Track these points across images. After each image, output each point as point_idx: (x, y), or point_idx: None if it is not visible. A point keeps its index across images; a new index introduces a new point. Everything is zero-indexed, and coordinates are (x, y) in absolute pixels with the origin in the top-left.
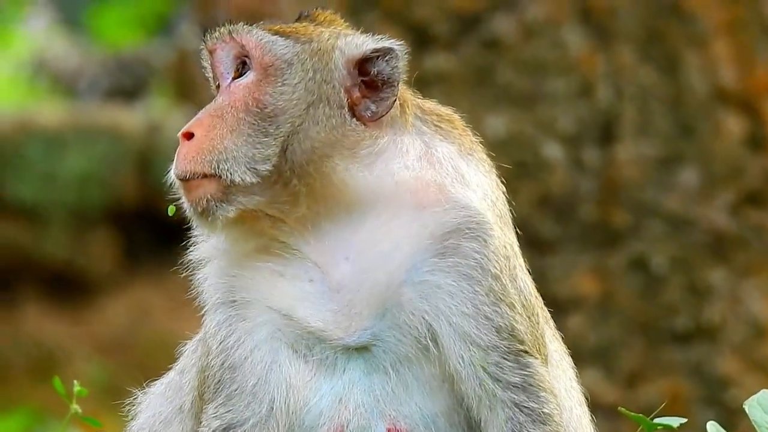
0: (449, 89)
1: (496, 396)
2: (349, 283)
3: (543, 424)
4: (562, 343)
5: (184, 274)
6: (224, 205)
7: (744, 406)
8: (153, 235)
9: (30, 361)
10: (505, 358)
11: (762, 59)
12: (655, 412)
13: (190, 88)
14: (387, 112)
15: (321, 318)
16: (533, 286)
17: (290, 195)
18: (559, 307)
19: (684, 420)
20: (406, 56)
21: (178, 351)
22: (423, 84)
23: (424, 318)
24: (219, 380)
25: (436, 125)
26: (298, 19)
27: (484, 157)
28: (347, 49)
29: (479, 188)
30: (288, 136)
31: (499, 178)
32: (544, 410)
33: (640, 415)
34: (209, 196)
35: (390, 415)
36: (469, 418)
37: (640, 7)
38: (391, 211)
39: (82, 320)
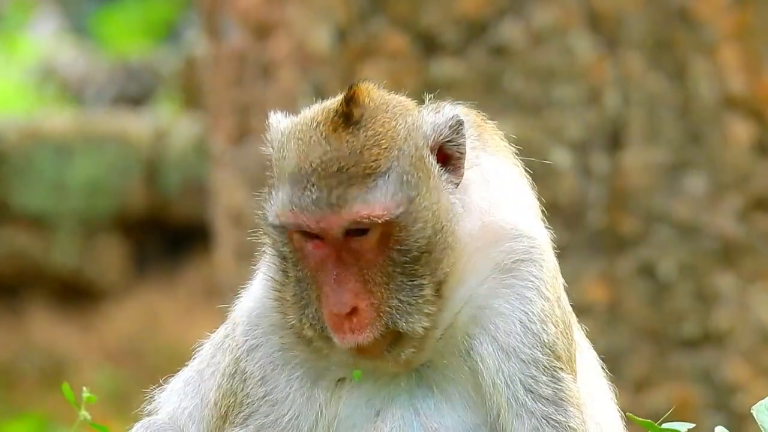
0: (457, 96)
1: (526, 406)
2: None
3: None
4: (583, 336)
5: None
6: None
7: (752, 411)
8: (161, 242)
9: (38, 368)
10: (542, 373)
11: None
12: (663, 418)
13: (197, 95)
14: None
15: None
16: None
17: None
18: None
19: (692, 425)
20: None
21: (188, 357)
22: (431, 91)
23: (468, 335)
24: (255, 411)
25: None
26: (348, 105)
27: (507, 148)
28: (428, 139)
29: (527, 201)
30: (439, 255)
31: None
32: (570, 424)
33: (649, 420)
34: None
35: (432, 428)
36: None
37: (648, 14)
38: (473, 258)
39: (91, 328)
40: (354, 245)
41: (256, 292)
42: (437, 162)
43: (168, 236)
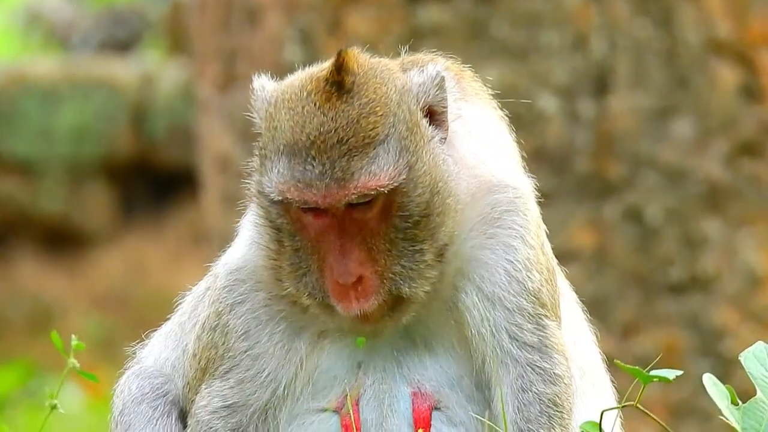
0: (443, 42)
1: (511, 354)
2: None
3: (552, 384)
4: (565, 279)
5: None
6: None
7: (739, 358)
8: (148, 187)
9: (26, 315)
10: (527, 320)
11: (756, 11)
12: (651, 365)
13: (183, 40)
14: (448, 131)
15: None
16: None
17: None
18: None
19: (679, 372)
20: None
21: (175, 304)
22: (417, 37)
23: (455, 287)
24: (237, 364)
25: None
26: (339, 73)
27: (486, 95)
28: (419, 101)
29: (508, 150)
30: (438, 218)
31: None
32: (556, 371)
33: (636, 367)
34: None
35: (415, 380)
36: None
37: None
38: (463, 214)
39: (78, 274)
40: (356, 215)
41: (242, 248)
42: (426, 119)
43: (155, 182)
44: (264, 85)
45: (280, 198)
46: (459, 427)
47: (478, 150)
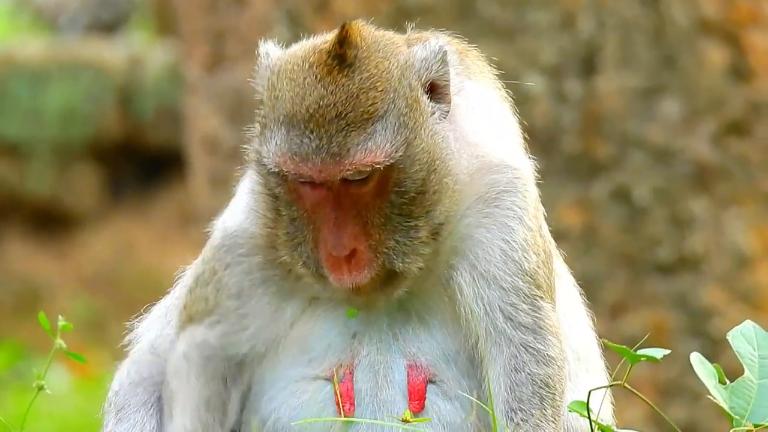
0: (431, 22)
1: (505, 334)
2: None
3: (545, 365)
4: (563, 262)
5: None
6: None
7: (727, 338)
8: (136, 169)
9: (14, 296)
10: (522, 300)
11: None
12: (639, 344)
13: (171, 22)
14: (450, 104)
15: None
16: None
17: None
18: None
19: (667, 351)
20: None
21: (163, 285)
22: (405, 16)
23: (449, 265)
24: (224, 320)
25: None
26: (341, 46)
27: (490, 73)
28: (420, 77)
29: (511, 130)
30: (435, 195)
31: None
32: (549, 353)
33: (624, 347)
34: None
35: (410, 352)
36: None
37: None
38: (461, 192)
39: (66, 255)
40: (352, 189)
41: (240, 214)
42: (427, 95)
43: (143, 163)
44: (269, 52)
45: (276, 170)
46: (454, 401)
47: (479, 128)
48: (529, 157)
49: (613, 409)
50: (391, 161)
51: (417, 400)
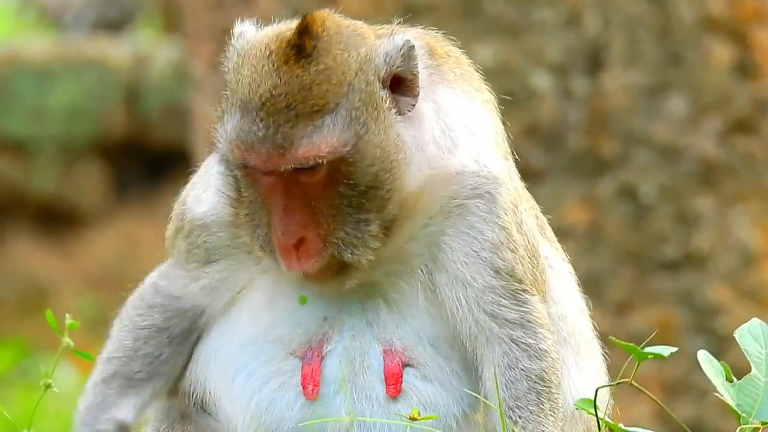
0: (437, 19)
1: (493, 332)
2: None
3: (539, 359)
4: (561, 252)
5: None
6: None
7: (734, 335)
8: (141, 167)
9: (19, 294)
10: (502, 297)
11: None
12: (645, 342)
13: (176, 19)
14: (417, 98)
15: None
16: (536, 218)
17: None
18: None
19: (674, 349)
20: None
21: None
22: (410, 14)
23: (425, 265)
24: (193, 271)
25: (424, 62)
26: (300, 37)
27: (471, 76)
28: (379, 72)
29: (484, 134)
30: (387, 192)
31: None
32: (541, 346)
33: (631, 344)
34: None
35: (385, 338)
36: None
37: None
38: (424, 196)
39: (71, 253)
40: (303, 178)
41: (211, 196)
42: (390, 87)
43: (148, 161)
44: (243, 33)
45: (226, 156)
46: (434, 383)
47: (447, 135)
48: (505, 158)
49: (611, 402)
50: (337, 155)
51: (393, 384)
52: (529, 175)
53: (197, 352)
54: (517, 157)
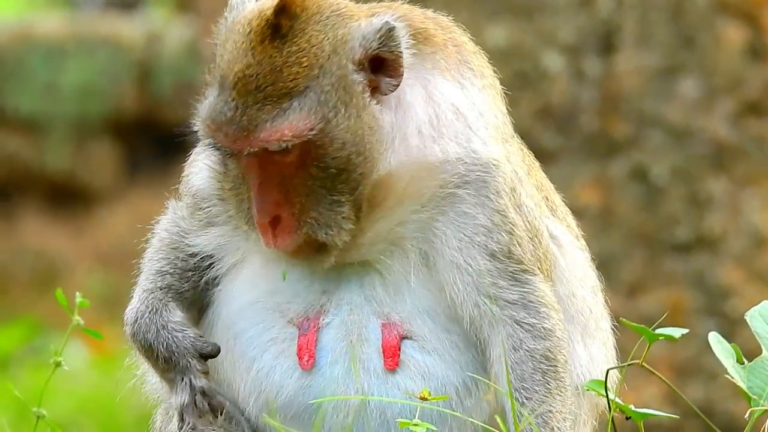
0: (450, 0)
1: (495, 315)
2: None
3: (543, 339)
4: (575, 229)
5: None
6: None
7: (745, 317)
8: (153, 145)
9: (31, 272)
10: (501, 279)
11: None
12: (657, 323)
13: None
14: (402, 78)
15: None
16: (545, 199)
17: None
18: None
19: (685, 331)
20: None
21: None
22: None
23: (420, 248)
24: (199, 228)
25: (418, 49)
26: (277, 16)
27: (471, 59)
28: (354, 54)
29: (478, 119)
30: (360, 175)
31: (494, 72)
32: (545, 325)
33: (642, 326)
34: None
35: (383, 312)
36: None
37: None
38: (411, 184)
39: (83, 231)
40: (276, 158)
41: (206, 167)
42: (373, 69)
43: (160, 139)
44: (237, 5)
45: (200, 134)
46: (432, 354)
47: (436, 122)
48: (506, 142)
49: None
50: (302, 139)
51: (391, 357)
52: (541, 156)
53: (204, 317)
54: (523, 140)
